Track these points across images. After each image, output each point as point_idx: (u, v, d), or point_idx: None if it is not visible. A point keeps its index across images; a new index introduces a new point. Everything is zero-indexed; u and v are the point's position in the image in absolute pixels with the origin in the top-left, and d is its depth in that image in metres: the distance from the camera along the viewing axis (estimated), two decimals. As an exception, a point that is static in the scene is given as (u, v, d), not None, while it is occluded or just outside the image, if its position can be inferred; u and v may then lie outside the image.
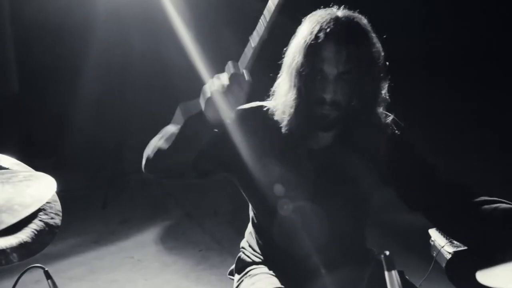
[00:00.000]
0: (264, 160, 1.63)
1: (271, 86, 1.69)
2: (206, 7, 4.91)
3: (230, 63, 1.46)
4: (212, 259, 3.56)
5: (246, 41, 1.50)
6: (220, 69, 1.51)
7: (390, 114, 1.66)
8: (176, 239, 3.90)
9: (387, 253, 0.93)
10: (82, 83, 5.12)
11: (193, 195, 4.72)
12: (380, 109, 1.60)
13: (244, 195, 1.80)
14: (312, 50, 1.49)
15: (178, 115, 1.66)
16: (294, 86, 1.55)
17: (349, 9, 1.59)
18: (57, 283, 1.46)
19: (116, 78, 5.01)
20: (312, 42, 1.49)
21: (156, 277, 3.38)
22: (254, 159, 1.63)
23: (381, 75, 1.56)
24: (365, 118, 1.56)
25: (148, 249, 3.77)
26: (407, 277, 1.77)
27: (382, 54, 1.55)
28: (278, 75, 1.66)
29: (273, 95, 1.68)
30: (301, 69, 1.51)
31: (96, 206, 4.52)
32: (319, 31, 1.49)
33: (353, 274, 1.72)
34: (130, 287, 3.28)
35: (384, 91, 1.58)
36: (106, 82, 5.16)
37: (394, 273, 0.96)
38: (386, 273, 0.96)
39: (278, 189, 1.65)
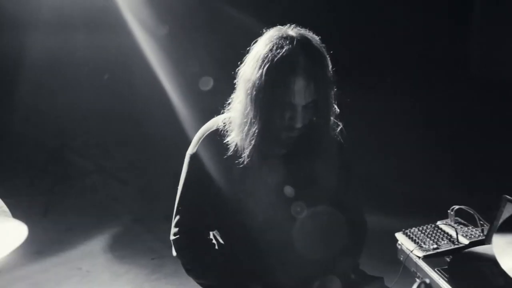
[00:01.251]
0: (228, 184, 1.64)
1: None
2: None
3: None
4: (167, 267, 3.40)
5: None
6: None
7: (339, 123, 1.73)
8: (126, 247, 3.71)
9: (427, 281, 0.86)
10: (21, 83, 4.82)
11: (142, 200, 4.54)
12: (332, 120, 1.69)
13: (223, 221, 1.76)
14: (280, 84, 1.50)
15: None
16: (258, 115, 1.54)
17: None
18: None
19: (58, 78, 4.77)
20: (280, 75, 1.49)
21: (108, 289, 3.20)
22: (223, 185, 1.65)
23: (334, 89, 1.62)
24: (324, 131, 1.65)
25: (96, 259, 3.57)
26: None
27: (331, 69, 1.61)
28: (234, 94, 1.66)
29: (228, 110, 1.69)
30: (267, 100, 1.52)
31: (37, 213, 4.24)
32: (285, 63, 1.49)
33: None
34: (80, 301, 3.09)
35: (335, 103, 1.66)
36: (47, 83, 4.89)
37: None
38: None
39: (253, 202, 1.65)
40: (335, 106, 1.66)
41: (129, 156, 5.34)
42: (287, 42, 1.50)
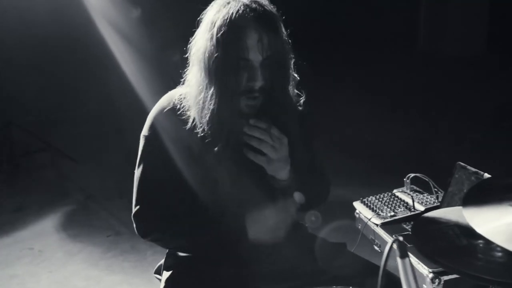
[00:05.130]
0: (190, 160, 1.56)
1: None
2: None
3: None
4: (122, 244, 3.34)
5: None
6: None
7: (302, 94, 1.68)
8: (80, 226, 3.61)
9: (401, 238, 0.85)
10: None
11: (94, 177, 4.43)
12: (293, 89, 1.63)
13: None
14: (233, 39, 1.45)
15: None
16: (214, 81, 1.47)
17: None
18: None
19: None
20: (231, 31, 1.44)
21: (62, 268, 3.11)
22: (184, 162, 1.57)
23: (291, 55, 1.58)
24: (283, 99, 1.58)
25: (49, 238, 3.46)
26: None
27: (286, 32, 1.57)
28: (187, 69, 1.60)
29: (183, 83, 1.62)
30: (221, 61, 1.45)
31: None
32: (235, 19, 1.44)
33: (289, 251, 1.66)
34: (33, 282, 2.98)
35: (292, 71, 1.61)
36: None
37: (408, 260, 0.89)
38: (399, 260, 0.89)
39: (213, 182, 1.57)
40: (295, 74, 1.61)
41: (79, 133, 5.19)
42: (236, 3, 1.47)
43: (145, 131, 1.60)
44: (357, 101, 5.66)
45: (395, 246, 0.87)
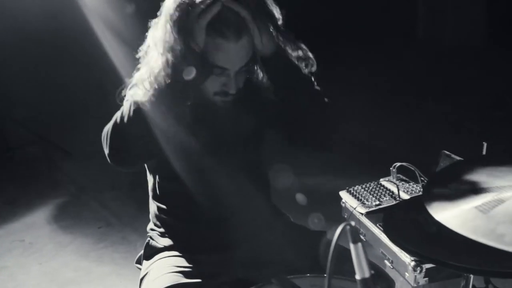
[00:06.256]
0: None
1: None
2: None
3: None
4: (113, 235, 3.34)
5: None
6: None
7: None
8: (71, 217, 3.62)
9: (353, 223, 0.85)
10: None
11: (86, 169, 4.41)
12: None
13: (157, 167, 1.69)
14: (208, 50, 1.41)
15: None
16: (188, 89, 1.43)
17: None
18: None
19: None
20: (206, 43, 1.39)
21: (52, 259, 3.11)
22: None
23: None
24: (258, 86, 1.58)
25: (40, 230, 3.46)
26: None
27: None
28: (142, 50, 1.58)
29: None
30: (194, 72, 1.40)
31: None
32: (211, 29, 1.38)
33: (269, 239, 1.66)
34: (23, 273, 2.99)
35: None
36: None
37: (360, 245, 0.88)
38: (351, 245, 0.89)
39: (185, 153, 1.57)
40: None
41: (72, 127, 5.18)
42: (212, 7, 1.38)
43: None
44: (353, 91, 5.63)
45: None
